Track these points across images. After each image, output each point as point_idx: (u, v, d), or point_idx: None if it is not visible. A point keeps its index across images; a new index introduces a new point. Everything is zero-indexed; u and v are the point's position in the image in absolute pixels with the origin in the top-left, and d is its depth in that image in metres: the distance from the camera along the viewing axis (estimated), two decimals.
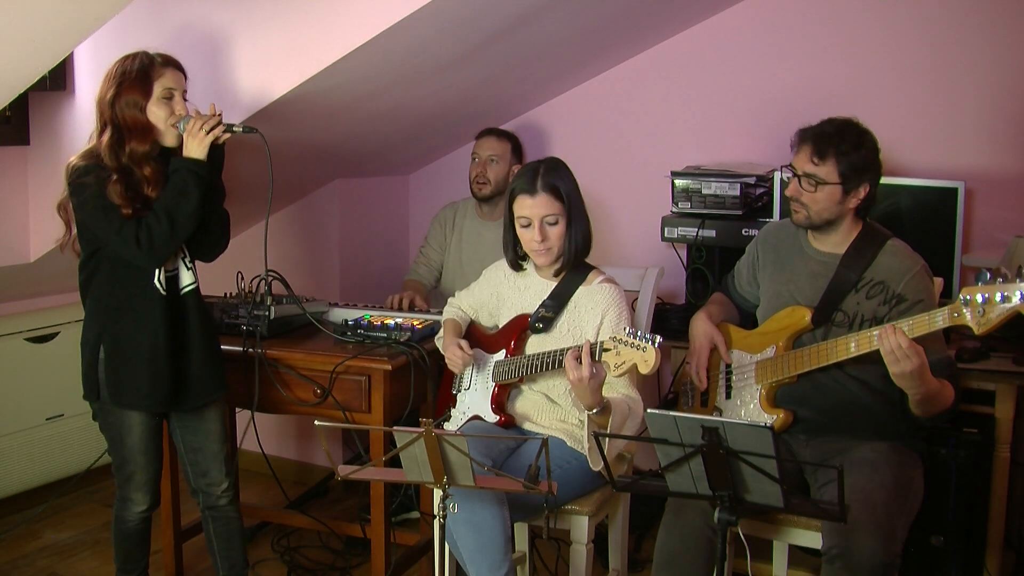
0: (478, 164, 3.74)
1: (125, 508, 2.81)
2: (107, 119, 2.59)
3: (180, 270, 2.71)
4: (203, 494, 2.88)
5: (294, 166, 3.75)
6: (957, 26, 3.42)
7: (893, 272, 2.57)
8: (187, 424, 2.82)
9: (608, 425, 2.51)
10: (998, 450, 2.97)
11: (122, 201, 2.54)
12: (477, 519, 2.45)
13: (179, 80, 2.65)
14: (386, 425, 2.90)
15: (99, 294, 2.67)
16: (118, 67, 2.61)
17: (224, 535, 2.92)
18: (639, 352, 2.36)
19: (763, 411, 2.65)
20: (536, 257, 2.72)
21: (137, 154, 2.59)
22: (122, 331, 2.65)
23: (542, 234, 2.65)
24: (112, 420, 2.71)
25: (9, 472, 3.76)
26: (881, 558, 2.29)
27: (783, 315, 2.68)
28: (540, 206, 2.63)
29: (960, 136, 3.46)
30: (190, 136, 2.60)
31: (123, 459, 2.74)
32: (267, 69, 2.97)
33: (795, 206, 2.63)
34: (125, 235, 2.54)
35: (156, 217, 2.56)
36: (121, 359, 2.65)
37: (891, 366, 2.36)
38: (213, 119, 2.63)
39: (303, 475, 4.26)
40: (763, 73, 3.73)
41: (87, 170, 2.57)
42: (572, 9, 3.19)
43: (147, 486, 2.78)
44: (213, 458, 2.84)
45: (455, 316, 2.95)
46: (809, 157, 2.57)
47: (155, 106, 2.60)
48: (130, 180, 2.58)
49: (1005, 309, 2.22)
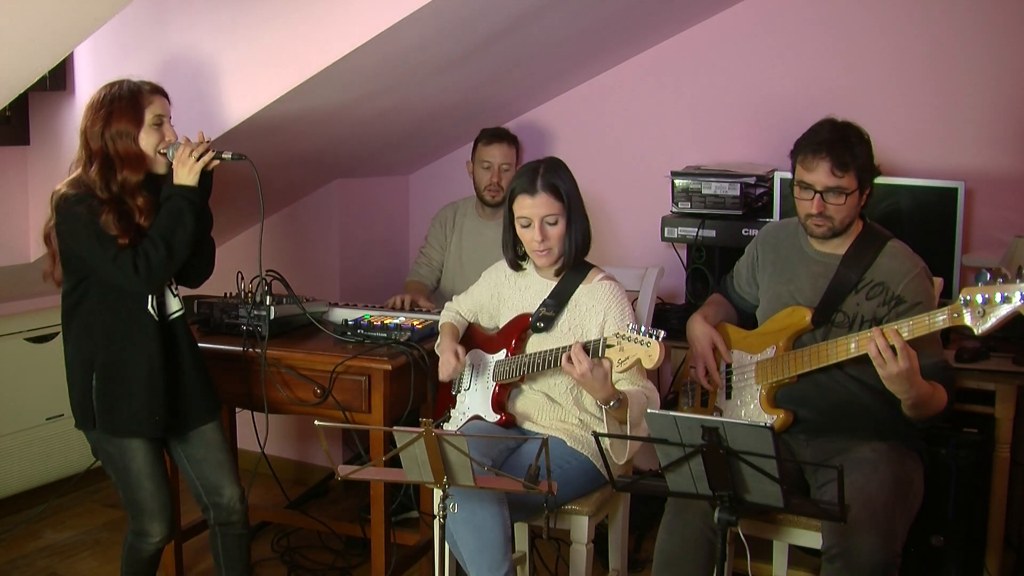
0: (492, 172, 3.69)
1: (141, 541, 2.72)
2: (95, 150, 2.55)
3: (167, 297, 2.70)
4: (214, 508, 2.82)
5: (294, 166, 3.75)
6: (957, 26, 3.42)
7: (893, 273, 2.57)
8: (187, 440, 2.77)
9: (627, 418, 2.52)
10: (998, 450, 2.97)
11: (118, 231, 2.51)
12: (477, 519, 2.45)
13: (166, 107, 2.63)
14: (386, 425, 2.90)
15: (88, 321, 2.62)
16: (102, 96, 2.57)
17: (231, 548, 2.87)
18: (643, 347, 2.37)
19: (763, 411, 2.65)
20: (537, 257, 2.72)
21: (130, 184, 2.56)
22: (115, 357, 2.60)
23: (542, 234, 2.65)
24: (112, 451, 2.66)
25: (9, 472, 3.76)
26: (881, 558, 2.29)
27: (783, 315, 2.68)
28: (540, 206, 2.63)
29: (960, 136, 3.46)
30: (180, 164, 2.58)
31: (131, 488, 2.67)
32: (268, 69, 2.97)
33: (816, 221, 2.58)
34: (122, 263, 2.52)
35: (153, 244, 2.54)
36: (115, 385, 2.60)
37: (879, 369, 2.35)
38: (202, 146, 2.61)
39: (303, 475, 4.26)
40: (763, 73, 3.73)
41: (79, 199, 2.53)
42: (572, 9, 3.19)
43: (161, 514, 2.70)
44: (219, 467, 2.79)
45: (452, 320, 2.95)
46: (830, 171, 2.51)
47: (146, 134, 2.58)
48: (122, 209, 2.55)
49: (1005, 310, 2.22)
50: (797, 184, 2.60)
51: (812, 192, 2.55)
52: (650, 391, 2.64)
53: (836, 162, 2.51)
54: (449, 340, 2.83)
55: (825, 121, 2.60)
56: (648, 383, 2.67)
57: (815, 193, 2.55)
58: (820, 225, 2.59)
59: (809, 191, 2.56)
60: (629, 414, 2.52)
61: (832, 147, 2.52)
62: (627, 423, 2.53)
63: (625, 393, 2.55)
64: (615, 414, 2.53)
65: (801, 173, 2.58)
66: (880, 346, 2.33)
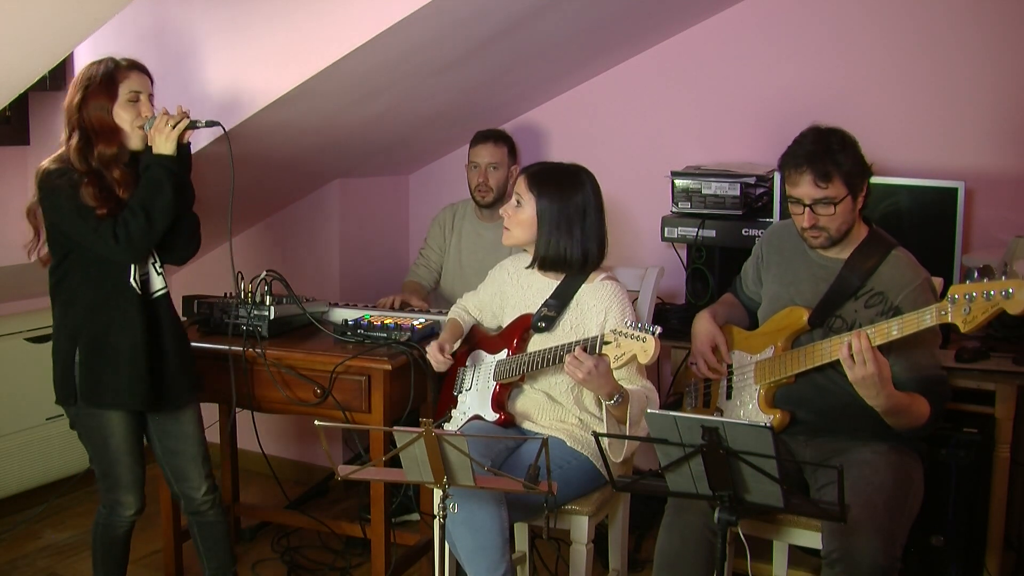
0: (479, 172, 3.69)
1: (114, 513, 2.78)
2: (74, 124, 2.61)
3: (151, 274, 2.72)
4: (185, 498, 2.88)
5: (294, 166, 3.75)
6: (957, 26, 3.42)
7: (894, 284, 2.55)
8: (164, 428, 2.81)
9: (627, 415, 2.52)
10: (998, 450, 2.97)
11: (96, 202, 2.56)
12: (475, 519, 2.45)
13: (144, 83, 2.67)
14: (386, 425, 2.90)
15: (72, 296, 2.67)
16: (84, 73, 2.64)
17: (209, 537, 2.93)
18: (639, 343, 2.38)
19: (761, 411, 2.65)
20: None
21: (105, 157, 2.61)
22: (99, 331, 2.65)
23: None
24: (92, 424, 2.70)
25: (9, 472, 3.76)
26: (881, 561, 2.29)
27: (781, 316, 2.68)
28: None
29: (960, 136, 3.45)
30: (157, 133, 2.62)
31: (108, 462, 2.73)
32: (268, 69, 2.97)
33: (812, 233, 2.57)
34: (102, 232, 2.56)
35: (132, 212, 2.58)
36: (99, 358, 2.64)
37: (848, 371, 2.36)
38: (178, 116, 2.65)
39: (303, 475, 4.26)
40: (763, 73, 3.73)
41: (60, 173, 2.59)
42: (572, 9, 3.19)
43: (135, 486, 2.76)
44: (191, 460, 2.83)
45: (458, 317, 2.96)
46: (813, 183, 2.50)
47: (121, 109, 2.62)
48: (102, 183, 2.59)
49: (990, 306, 2.22)
50: (788, 199, 2.59)
51: (801, 206, 2.55)
52: (650, 390, 2.65)
53: (818, 174, 2.49)
54: (445, 334, 2.84)
55: (808, 131, 2.57)
56: (647, 382, 2.67)
57: (804, 207, 2.54)
58: (816, 236, 2.58)
59: (799, 205, 2.55)
60: (629, 412, 2.53)
61: (812, 159, 2.49)
62: (627, 421, 2.54)
63: (627, 391, 2.55)
64: (616, 412, 2.54)
65: (788, 188, 2.57)
66: (853, 348, 2.33)
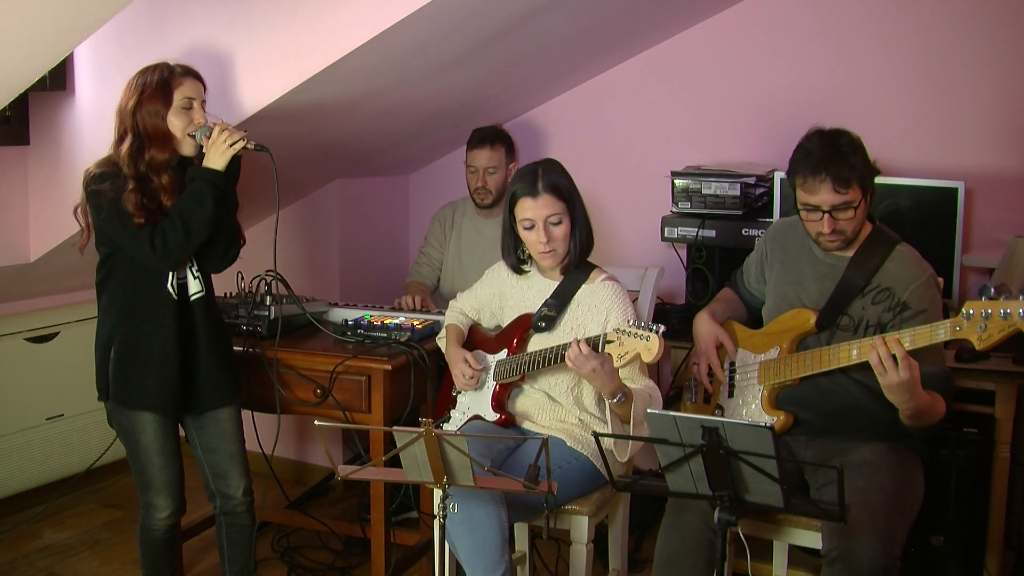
0: (477, 176, 3.70)
1: (148, 516, 2.80)
2: (128, 127, 2.65)
3: (188, 279, 2.75)
4: (221, 497, 2.90)
5: (294, 166, 3.75)
6: (957, 26, 3.42)
7: (900, 279, 2.55)
8: (202, 426, 2.84)
9: (631, 413, 2.52)
10: (998, 450, 2.97)
11: (136, 211, 2.60)
12: (474, 519, 2.45)
13: (198, 90, 2.70)
14: (386, 425, 2.90)
15: (113, 296, 2.72)
16: (139, 77, 2.66)
17: (237, 540, 2.94)
18: (642, 341, 2.38)
19: (764, 412, 2.65)
20: (542, 260, 2.71)
21: (156, 162, 2.64)
22: (133, 332, 2.69)
23: (547, 235, 2.64)
24: (125, 422, 2.74)
25: (9, 472, 3.76)
26: (881, 560, 2.29)
27: (788, 317, 2.67)
28: (543, 207, 2.63)
29: (960, 136, 3.45)
30: (214, 147, 2.65)
31: (140, 462, 2.75)
32: (267, 69, 2.97)
33: (829, 238, 2.53)
34: (140, 239, 2.60)
35: (171, 222, 2.62)
36: (131, 359, 2.69)
37: (880, 377, 2.33)
38: (238, 133, 2.67)
39: (303, 475, 4.26)
40: (763, 73, 3.73)
41: (104, 177, 2.63)
42: (572, 9, 3.19)
43: (168, 488, 2.77)
44: (231, 458, 2.86)
45: (457, 321, 2.95)
46: (833, 190, 2.45)
47: (174, 116, 2.65)
48: (147, 188, 2.63)
49: (1007, 326, 2.21)
50: (802, 207, 2.54)
51: (820, 213, 2.50)
52: (652, 389, 2.65)
53: (837, 180, 2.45)
54: (455, 348, 2.83)
55: (813, 135, 2.54)
56: (650, 381, 2.67)
57: (823, 213, 2.50)
58: (834, 240, 2.55)
59: (816, 212, 2.51)
60: (633, 410, 2.52)
61: (829, 165, 2.45)
62: (631, 420, 2.53)
63: (631, 389, 2.55)
64: (619, 411, 2.53)
65: (804, 196, 2.52)
66: (882, 355, 2.31)
